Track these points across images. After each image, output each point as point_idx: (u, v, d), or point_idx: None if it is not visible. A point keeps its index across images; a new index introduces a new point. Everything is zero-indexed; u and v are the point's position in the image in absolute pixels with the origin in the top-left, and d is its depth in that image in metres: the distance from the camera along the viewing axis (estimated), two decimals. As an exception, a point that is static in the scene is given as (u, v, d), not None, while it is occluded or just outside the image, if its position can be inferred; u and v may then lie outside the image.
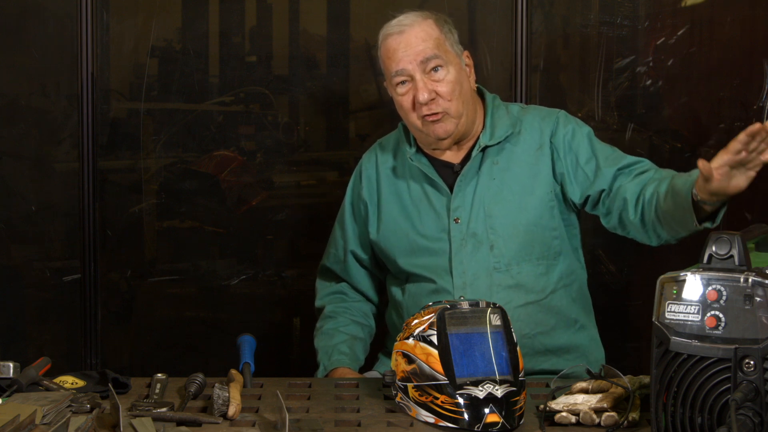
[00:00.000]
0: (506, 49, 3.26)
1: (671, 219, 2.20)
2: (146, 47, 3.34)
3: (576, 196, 2.47)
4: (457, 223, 2.47)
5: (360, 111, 3.44)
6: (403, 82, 2.43)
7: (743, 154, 1.95)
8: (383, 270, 2.67)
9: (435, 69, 2.41)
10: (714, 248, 1.71)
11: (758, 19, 3.35)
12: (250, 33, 3.41)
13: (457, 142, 2.50)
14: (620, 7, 3.33)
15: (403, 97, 2.44)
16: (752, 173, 1.99)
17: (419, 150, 2.54)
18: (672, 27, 3.34)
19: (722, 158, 1.97)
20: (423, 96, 2.40)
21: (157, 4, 3.35)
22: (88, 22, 3.25)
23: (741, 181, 2.00)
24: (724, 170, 1.97)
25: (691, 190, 2.08)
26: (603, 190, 2.42)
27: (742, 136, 1.93)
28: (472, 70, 2.52)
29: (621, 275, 3.39)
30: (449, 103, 2.42)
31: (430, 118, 2.42)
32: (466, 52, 2.51)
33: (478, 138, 2.49)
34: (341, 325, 2.64)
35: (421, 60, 2.41)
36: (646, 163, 2.42)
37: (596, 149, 2.46)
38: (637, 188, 2.34)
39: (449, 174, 2.51)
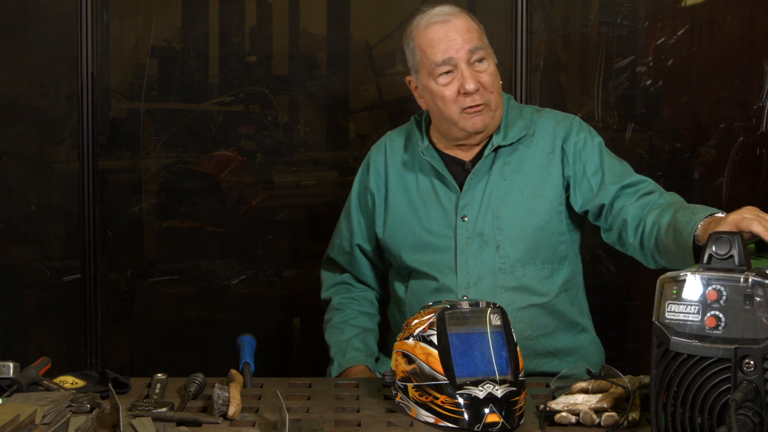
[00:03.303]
0: (506, 49, 3.26)
1: (670, 254, 2.17)
2: (146, 47, 3.34)
3: (577, 205, 2.46)
4: (464, 221, 2.46)
5: (360, 111, 3.44)
6: (447, 72, 2.41)
7: None
8: (388, 264, 2.67)
9: (479, 60, 2.41)
10: (714, 248, 1.71)
11: (758, 19, 3.35)
12: (250, 33, 3.40)
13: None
14: (620, 7, 3.32)
15: (446, 87, 2.41)
16: None
17: (431, 144, 2.53)
18: (672, 27, 3.33)
19: None
20: (470, 85, 2.38)
21: (157, 4, 3.34)
22: (88, 22, 3.25)
23: None
24: None
25: (693, 233, 2.04)
26: (603, 205, 2.41)
27: None
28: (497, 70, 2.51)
29: (621, 275, 3.38)
30: (490, 95, 2.41)
31: (472, 110, 2.41)
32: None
33: (491, 137, 2.49)
34: (350, 318, 2.63)
35: (468, 49, 2.39)
36: (651, 184, 2.41)
37: (605, 162, 2.45)
38: (639, 211, 2.33)
39: (459, 171, 2.50)
